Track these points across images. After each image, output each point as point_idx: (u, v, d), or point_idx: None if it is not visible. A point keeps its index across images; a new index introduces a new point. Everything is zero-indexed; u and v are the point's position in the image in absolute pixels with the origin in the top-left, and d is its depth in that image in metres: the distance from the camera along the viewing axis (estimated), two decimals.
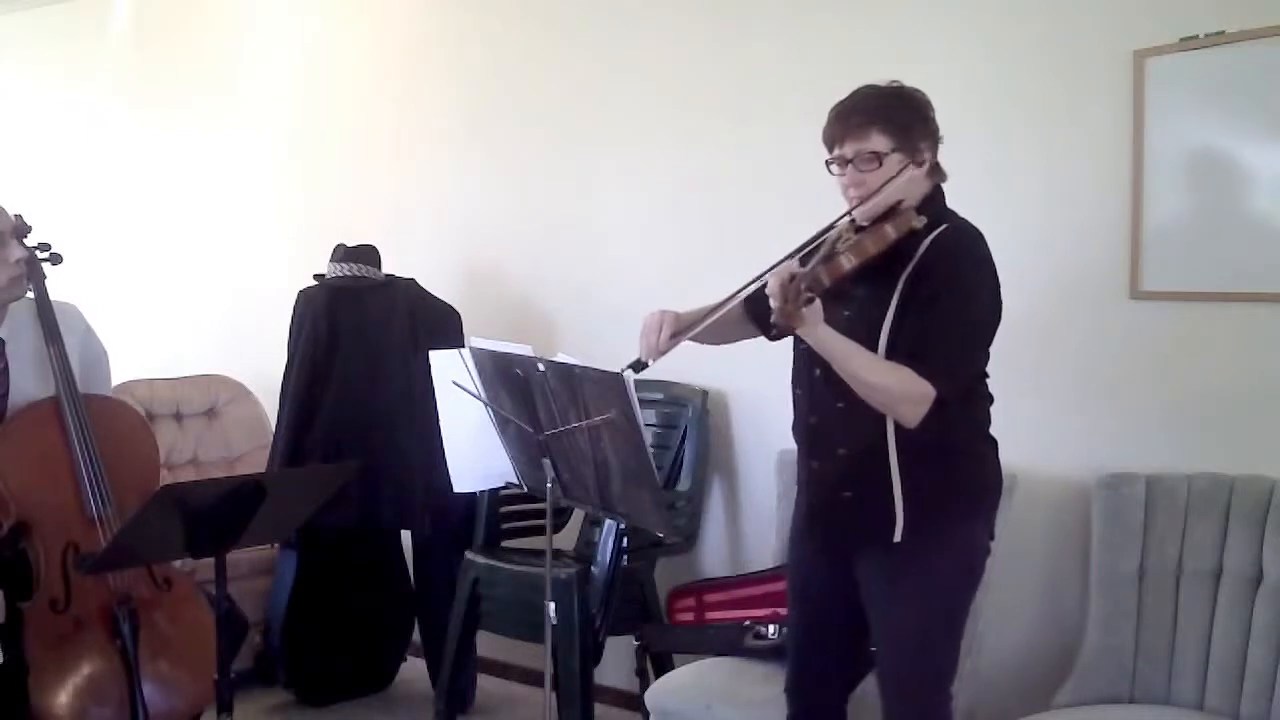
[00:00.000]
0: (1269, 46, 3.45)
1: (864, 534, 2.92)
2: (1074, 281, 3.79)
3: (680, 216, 4.68)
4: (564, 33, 5.00)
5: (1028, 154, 3.87)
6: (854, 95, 2.90)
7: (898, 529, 2.85)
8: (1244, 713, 3.30)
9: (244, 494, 3.06)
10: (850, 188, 2.87)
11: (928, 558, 2.87)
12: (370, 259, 4.90)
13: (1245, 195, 3.57)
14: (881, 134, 2.81)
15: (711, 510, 4.66)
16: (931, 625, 2.93)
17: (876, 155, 2.81)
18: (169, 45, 6.54)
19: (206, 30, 6.36)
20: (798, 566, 3.18)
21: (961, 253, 2.83)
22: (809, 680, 3.17)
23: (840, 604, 3.02)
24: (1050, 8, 3.84)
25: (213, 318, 6.35)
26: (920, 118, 2.88)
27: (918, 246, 2.80)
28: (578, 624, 4.10)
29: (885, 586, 2.93)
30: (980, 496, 2.99)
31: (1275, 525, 3.34)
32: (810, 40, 4.32)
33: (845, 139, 2.85)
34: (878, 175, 2.81)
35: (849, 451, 2.90)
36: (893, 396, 2.75)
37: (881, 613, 2.95)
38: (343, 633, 4.96)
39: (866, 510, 2.89)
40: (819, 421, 2.96)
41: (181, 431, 5.45)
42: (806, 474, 3.03)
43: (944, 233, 2.82)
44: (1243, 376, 3.57)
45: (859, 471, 2.89)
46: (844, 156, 2.86)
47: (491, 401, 3.36)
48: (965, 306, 2.82)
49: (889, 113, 2.84)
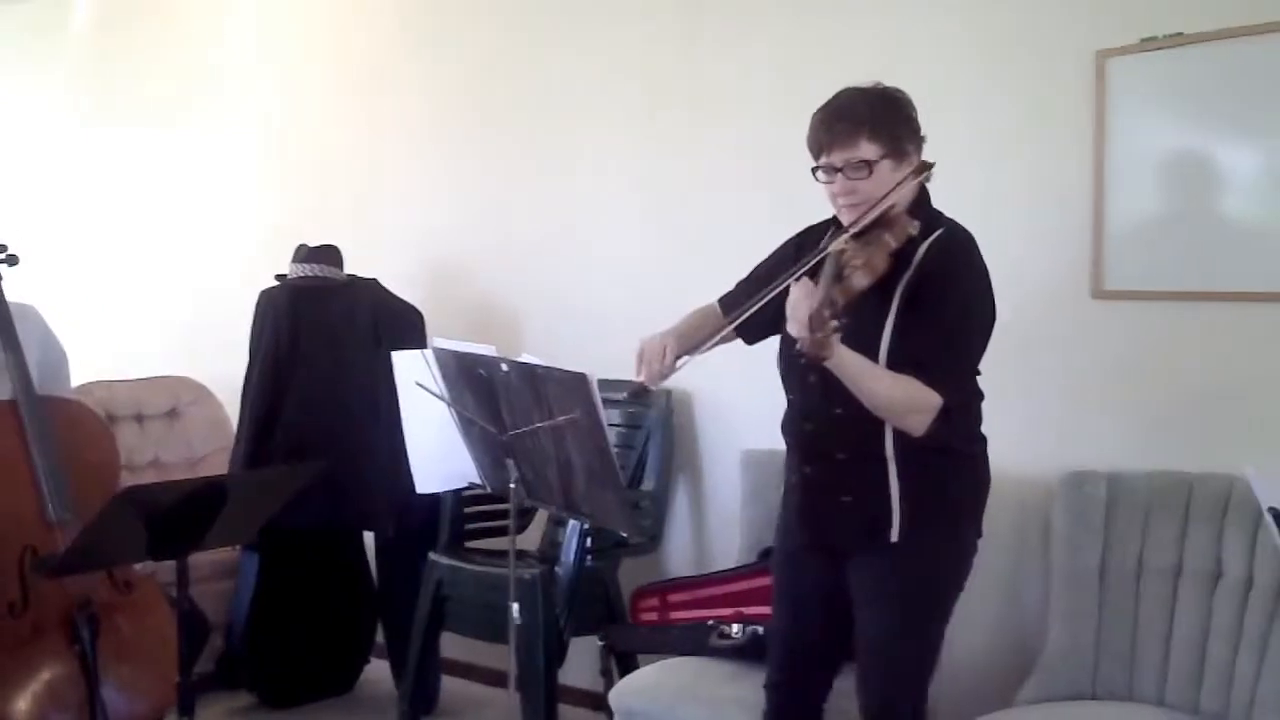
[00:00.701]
0: (1226, 47, 3.47)
1: (860, 536, 2.93)
2: (1037, 281, 3.81)
3: (647, 216, 4.68)
4: (530, 32, 4.99)
5: (990, 154, 3.88)
6: (837, 100, 2.87)
7: (894, 530, 2.87)
8: (1204, 707, 3.33)
9: (206, 496, 3.04)
10: (840, 196, 2.86)
11: (920, 558, 2.89)
12: (332, 259, 4.88)
13: (1205, 195, 3.59)
14: (870, 141, 2.79)
15: (676, 510, 4.65)
16: (916, 626, 2.96)
17: (866, 163, 2.79)
18: (130, 44, 6.50)
19: (169, 28, 6.32)
20: (786, 564, 3.18)
21: (958, 260, 2.85)
22: (791, 677, 3.18)
23: (827, 604, 3.03)
24: (1012, 8, 3.86)
25: (173, 318, 6.31)
26: (905, 120, 2.87)
27: (914, 253, 2.80)
28: (542, 624, 4.10)
29: (875, 585, 2.94)
30: (973, 496, 3.01)
31: (1234, 522, 3.36)
32: (779, 39, 4.32)
33: (833, 147, 2.82)
34: (869, 184, 2.80)
35: (847, 456, 2.90)
36: (903, 409, 2.76)
37: (867, 610, 2.96)
38: (306, 635, 4.94)
39: (864, 513, 2.90)
40: (815, 427, 2.95)
41: (142, 433, 5.40)
42: (799, 478, 3.02)
43: (939, 239, 2.84)
44: (1203, 375, 3.59)
45: (857, 475, 2.90)
46: (832, 165, 2.83)
47: (455, 402, 3.35)
48: (965, 314, 2.84)
49: (875, 118, 2.81)
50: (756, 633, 3.73)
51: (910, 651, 2.98)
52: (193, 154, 6.22)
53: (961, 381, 2.85)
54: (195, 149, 6.21)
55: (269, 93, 5.90)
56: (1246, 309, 3.51)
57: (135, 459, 5.27)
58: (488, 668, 5.00)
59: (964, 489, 2.99)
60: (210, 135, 6.13)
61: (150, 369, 5.63)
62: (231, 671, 4.92)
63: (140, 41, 6.45)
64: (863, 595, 2.97)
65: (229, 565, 4.92)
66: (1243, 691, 3.24)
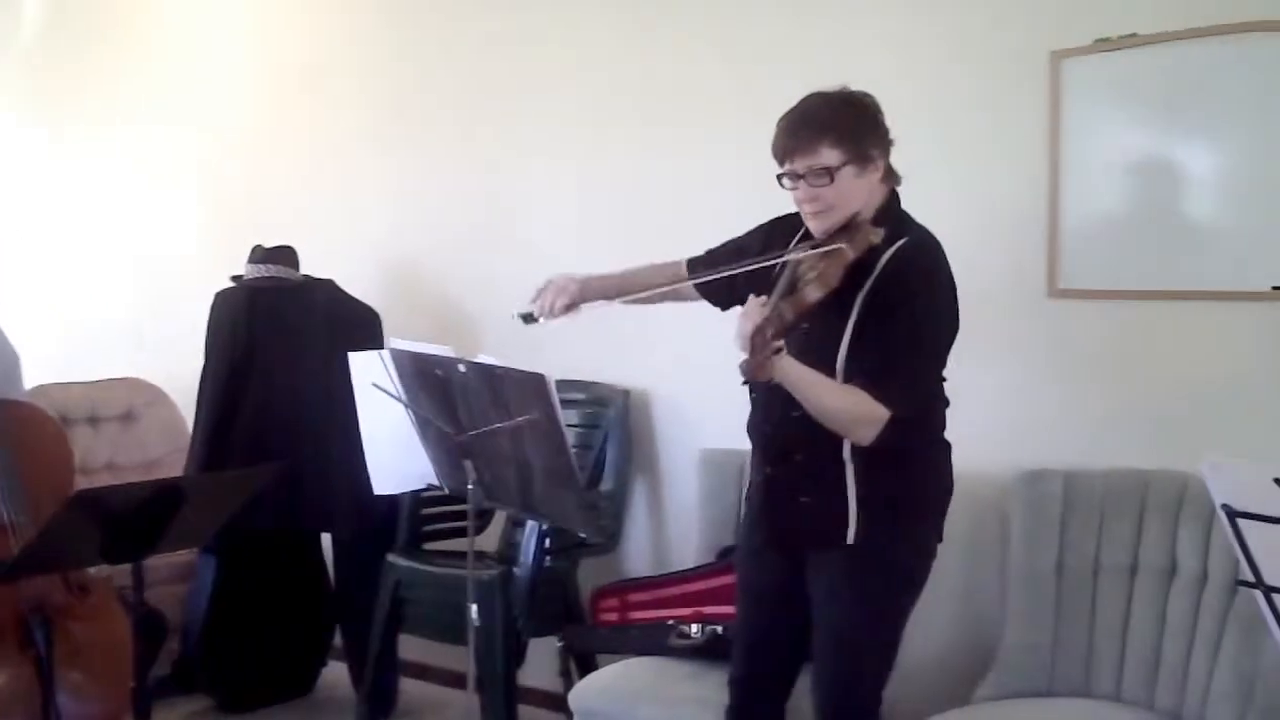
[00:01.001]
0: (1180, 48, 3.50)
1: (818, 536, 2.94)
2: (992, 280, 3.82)
3: (605, 215, 4.67)
4: (483, 29, 4.97)
5: (946, 154, 3.90)
6: (802, 106, 2.87)
7: (851, 532, 2.88)
8: (1159, 703, 3.35)
9: (162, 498, 3.02)
10: (804, 203, 2.86)
11: (877, 560, 2.90)
12: (288, 260, 4.85)
13: (1159, 194, 3.62)
14: (832, 148, 2.78)
15: (634, 510, 4.65)
16: (871, 625, 2.98)
17: (828, 170, 2.78)
18: (78, 42, 6.44)
19: (118, 27, 6.27)
20: (748, 562, 3.19)
21: (921, 271, 2.84)
22: (753, 673, 3.19)
23: (787, 601, 3.04)
24: (967, 9, 3.87)
25: (128, 320, 6.25)
26: (870, 125, 2.86)
27: (876, 261, 2.79)
28: (501, 626, 4.10)
29: (832, 586, 2.95)
30: (932, 500, 3.03)
31: (1189, 520, 3.39)
32: (731, 39, 4.33)
33: (795, 154, 2.81)
34: (831, 191, 2.80)
35: (805, 458, 2.91)
36: (849, 421, 2.77)
37: (824, 610, 2.98)
38: (263, 638, 4.91)
39: (822, 514, 2.91)
40: (775, 429, 2.95)
41: (97, 436, 5.36)
42: (761, 477, 3.03)
43: (903, 248, 2.82)
44: (1157, 374, 3.62)
45: (815, 477, 2.91)
46: (795, 171, 2.83)
47: (412, 403, 3.34)
48: (923, 328, 2.84)
49: (838, 124, 2.80)
50: (716, 632, 3.74)
51: (864, 651, 2.99)
52: (147, 154, 6.17)
53: (912, 394, 2.82)
54: (150, 149, 6.16)
55: (222, 93, 5.86)
56: (1200, 308, 3.54)
57: (90, 462, 5.22)
58: (447, 669, 4.98)
59: (923, 492, 3.00)
60: (165, 136, 6.08)
61: (105, 371, 5.58)
62: (188, 675, 4.88)
63: (88, 38, 6.39)
64: (820, 594, 2.98)
65: (186, 568, 4.88)
66: (1197, 686, 3.26)
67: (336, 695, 5.05)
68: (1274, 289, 3.41)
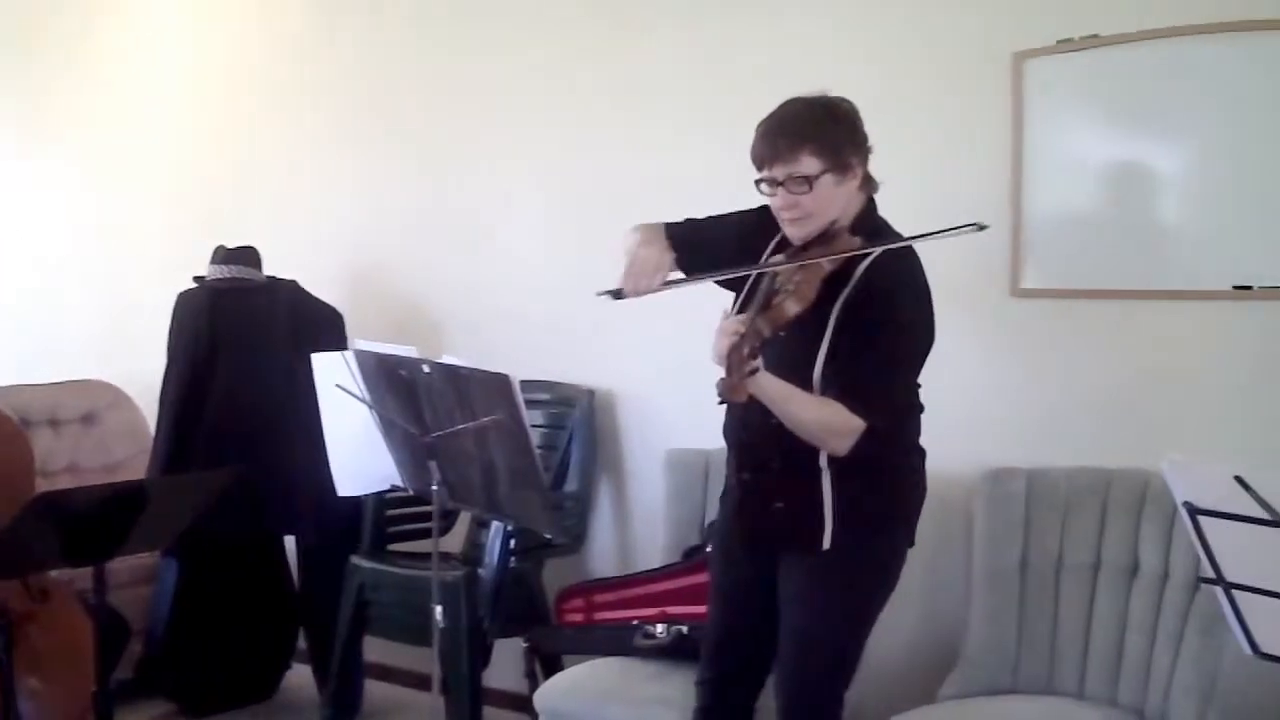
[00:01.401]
0: (1142, 49, 3.52)
1: (792, 541, 2.95)
2: (956, 279, 3.82)
3: (568, 214, 4.67)
4: (450, 28, 4.96)
5: (909, 154, 3.89)
6: (781, 112, 2.86)
7: (826, 537, 2.88)
8: (1121, 699, 3.37)
9: (124, 501, 3.00)
10: (783, 210, 2.85)
11: (849, 565, 2.91)
12: (251, 260, 4.83)
13: (1122, 194, 3.63)
14: (811, 156, 2.78)
15: (600, 510, 4.65)
16: (838, 627, 2.99)
17: (807, 179, 2.78)
18: (39, 44, 6.39)
19: (80, 24, 6.22)
20: (722, 565, 3.20)
21: (899, 283, 2.84)
22: (722, 674, 3.19)
23: (759, 605, 3.05)
24: (930, 9, 3.89)
25: (89, 321, 6.21)
26: (849, 132, 2.86)
27: (853, 271, 2.80)
28: (466, 627, 4.08)
29: (802, 589, 2.96)
30: (906, 507, 3.03)
31: (1151, 517, 3.41)
32: (694, 40, 4.32)
33: (774, 161, 2.81)
34: (810, 198, 2.80)
35: (782, 465, 2.91)
36: (824, 433, 2.78)
37: (793, 613, 2.98)
38: (226, 640, 4.87)
39: (796, 520, 2.91)
40: (751, 436, 2.95)
41: (58, 438, 5.31)
42: (737, 482, 3.04)
43: (880, 259, 2.82)
44: (1120, 372, 3.64)
45: (791, 484, 2.91)
46: (774, 178, 2.82)
47: (376, 404, 3.33)
48: (899, 339, 2.85)
49: (817, 133, 2.80)
50: (681, 633, 3.74)
51: (829, 652, 3.00)
52: (108, 154, 6.13)
53: (887, 405, 2.84)
54: (110, 149, 6.12)
55: (185, 93, 5.82)
56: (1162, 307, 3.57)
57: (50, 464, 5.18)
58: (411, 671, 4.97)
59: (898, 500, 3.01)
60: (125, 135, 6.04)
61: (66, 373, 5.54)
62: (151, 679, 4.85)
63: (48, 36, 6.34)
64: (789, 594, 2.99)
65: (148, 570, 4.85)
66: (1159, 682, 3.29)
67: (300, 698, 5.02)
68: (1235, 288, 3.44)
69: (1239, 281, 3.44)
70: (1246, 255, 3.45)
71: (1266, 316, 3.42)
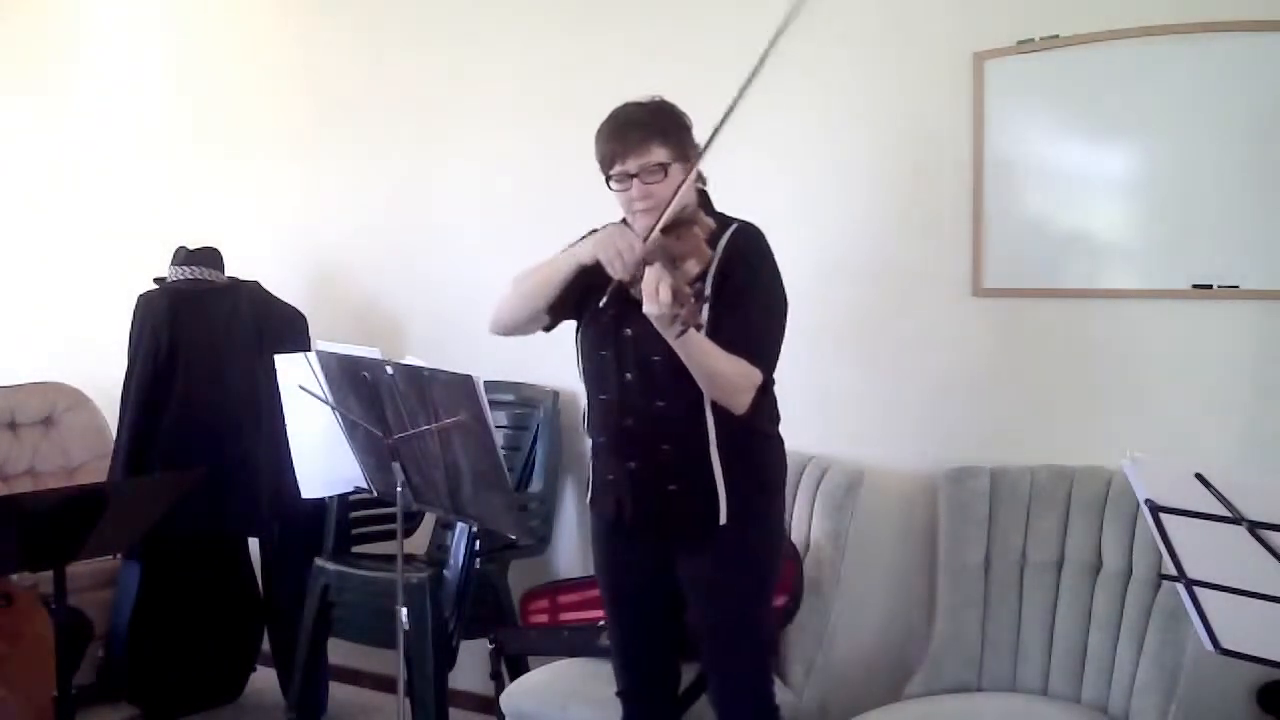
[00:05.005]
0: (1101, 50, 3.54)
1: (690, 523, 2.99)
2: (918, 279, 3.86)
3: (528, 213, 4.65)
4: (407, 30, 4.95)
5: (870, 154, 3.92)
6: (624, 112, 2.99)
7: (722, 513, 2.94)
8: (1085, 696, 3.39)
9: (84, 504, 2.99)
10: (637, 200, 2.93)
11: (747, 538, 2.99)
12: (212, 261, 4.80)
13: (1082, 194, 3.65)
14: (661, 146, 2.91)
15: (564, 511, 4.64)
16: (756, 601, 3.07)
17: (662, 166, 2.90)
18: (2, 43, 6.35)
19: (40, 23, 6.18)
20: (610, 568, 3.23)
21: (757, 249, 2.98)
22: (641, 679, 3.24)
23: (659, 597, 3.12)
24: (891, 10, 3.90)
25: (49, 323, 6.17)
26: (686, 128, 2.99)
27: (715, 245, 2.88)
28: (431, 629, 4.07)
29: (710, 571, 3.02)
30: (780, 475, 3.12)
31: (1113, 515, 3.44)
32: (657, 37, 4.32)
33: (627, 155, 2.92)
34: (665, 186, 2.89)
35: (673, 447, 2.96)
36: (735, 385, 2.85)
37: (708, 595, 3.04)
38: (189, 644, 4.85)
39: (692, 500, 2.96)
40: (636, 423, 2.99)
41: (16, 441, 5.28)
42: (623, 474, 3.05)
43: (737, 231, 2.96)
44: (1082, 371, 3.66)
45: (683, 464, 2.96)
46: (627, 172, 2.92)
47: (339, 405, 3.32)
48: (769, 297, 2.96)
49: (663, 125, 2.95)
50: None
51: (750, 637, 3.07)
52: (67, 154, 6.09)
53: (773, 358, 2.95)
54: (69, 149, 6.08)
55: (145, 93, 5.79)
56: (1123, 306, 3.59)
57: (9, 468, 5.16)
58: (376, 673, 4.96)
59: (776, 470, 3.10)
60: (85, 135, 6.00)
61: (25, 375, 5.50)
62: (113, 682, 4.82)
63: (11, 40, 6.30)
64: (695, 591, 3.05)
65: (110, 573, 4.82)
66: (1122, 679, 3.31)
67: (265, 701, 5.01)
68: (1194, 287, 3.47)
69: (1198, 280, 3.47)
70: (1206, 255, 3.48)
71: (1225, 315, 3.45)
